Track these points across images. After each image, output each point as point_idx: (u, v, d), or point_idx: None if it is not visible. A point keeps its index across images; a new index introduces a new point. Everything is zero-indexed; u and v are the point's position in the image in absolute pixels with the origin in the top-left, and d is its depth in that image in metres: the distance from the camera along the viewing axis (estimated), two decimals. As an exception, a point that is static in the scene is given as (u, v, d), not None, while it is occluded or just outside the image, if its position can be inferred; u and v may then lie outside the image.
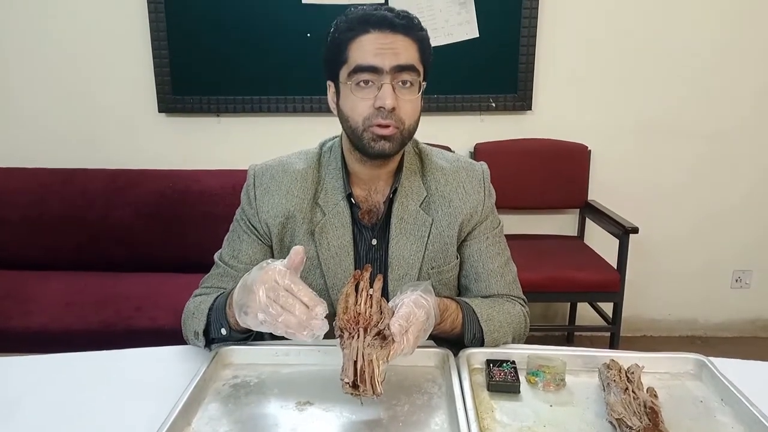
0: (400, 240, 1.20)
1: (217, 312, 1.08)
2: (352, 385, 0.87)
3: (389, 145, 1.10)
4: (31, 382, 1.07)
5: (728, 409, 0.97)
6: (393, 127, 1.09)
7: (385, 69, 1.06)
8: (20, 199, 2.54)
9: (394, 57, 1.06)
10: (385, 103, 1.06)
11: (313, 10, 2.59)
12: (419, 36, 1.10)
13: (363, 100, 1.08)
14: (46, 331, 2.10)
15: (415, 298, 0.96)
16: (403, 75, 1.08)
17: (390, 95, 1.06)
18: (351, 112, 1.11)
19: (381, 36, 1.06)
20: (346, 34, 1.08)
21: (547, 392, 1.02)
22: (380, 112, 1.07)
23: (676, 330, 3.03)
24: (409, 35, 1.08)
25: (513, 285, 1.26)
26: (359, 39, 1.07)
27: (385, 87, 1.06)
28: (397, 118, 1.08)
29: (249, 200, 1.22)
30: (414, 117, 1.12)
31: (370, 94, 1.08)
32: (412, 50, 1.09)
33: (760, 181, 2.86)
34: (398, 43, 1.07)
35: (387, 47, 1.06)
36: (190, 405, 0.94)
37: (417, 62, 1.09)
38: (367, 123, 1.09)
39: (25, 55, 2.68)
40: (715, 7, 2.68)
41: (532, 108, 2.76)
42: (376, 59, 1.06)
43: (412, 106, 1.11)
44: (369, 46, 1.06)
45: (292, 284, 0.89)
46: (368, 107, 1.08)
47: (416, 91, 1.11)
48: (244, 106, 2.71)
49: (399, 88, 1.08)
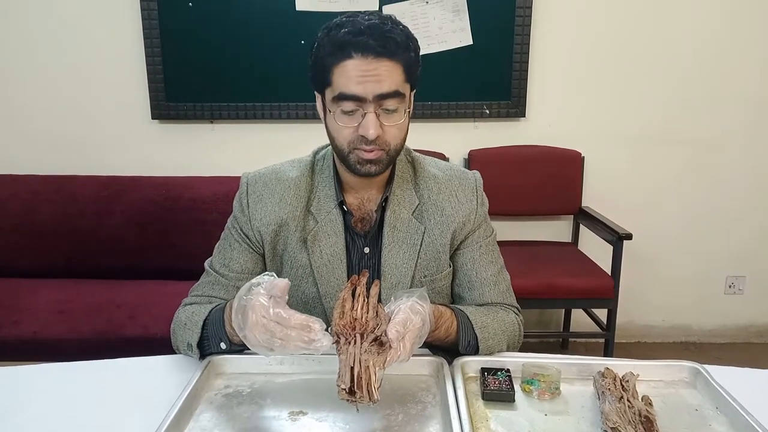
0: (392, 248, 1.20)
1: (215, 327, 1.07)
2: (349, 392, 0.86)
3: (375, 167, 1.10)
4: (22, 393, 1.05)
5: (723, 417, 0.97)
6: (378, 151, 1.09)
7: (368, 98, 1.04)
8: (11, 207, 2.52)
9: (377, 85, 1.04)
10: (368, 134, 1.05)
11: (307, 17, 2.58)
12: (405, 57, 1.07)
13: (347, 128, 1.08)
14: (37, 340, 2.08)
15: (411, 305, 0.96)
16: (387, 103, 1.06)
17: (373, 125, 1.05)
18: (336, 135, 1.11)
19: (364, 62, 1.04)
20: (329, 58, 1.06)
21: (542, 401, 1.01)
22: (364, 139, 1.07)
23: (670, 336, 3.03)
24: (394, 59, 1.05)
25: (507, 293, 1.26)
26: (342, 64, 1.05)
27: (368, 116, 1.05)
28: (381, 142, 1.08)
29: (242, 208, 1.22)
30: (400, 137, 1.11)
31: (354, 121, 1.07)
32: (397, 74, 1.06)
33: (753, 187, 2.87)
34: (381, 69, 1.04)
35: (370, 74, 1.04)
36: (182, 415, 0.93)
37: (401, 85, 1.07)
38: (351, 146, 1.09)
39: (18, 62, 2.67)
40: (705, 17, 2.69)
41: (525, 115, 2.76)
42: (359, 88, 1.04)
43: (397, 129, 1.10)
44: (352, 73, 1.04)
45: (280, 315, 0.89)
46: (352, 133, 1.08)
47: (402, 113, 1.09)
48: (237, 112, 2.71)
49: (383, 115, 1.07)
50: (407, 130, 1.14)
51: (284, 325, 0.89)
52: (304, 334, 0.89)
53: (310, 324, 0.89)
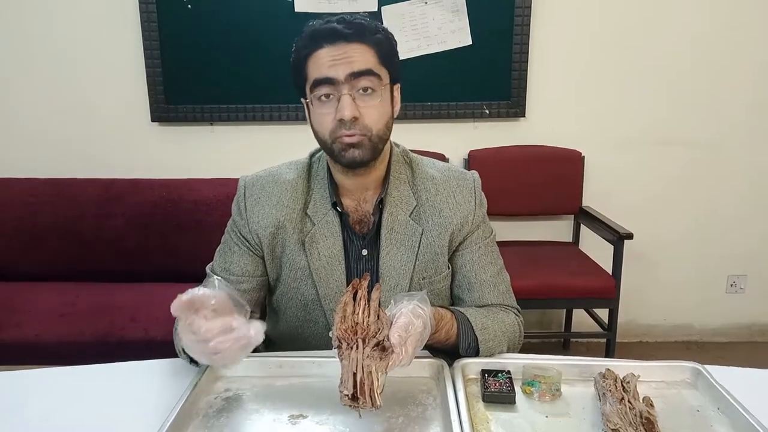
0: (390, 250, 1.19)
1: None
2: (352, 398, 0.86)
3: (359, 152, 1.09)
4: (23, 396, 1.05)
5: (725, 418, 0.97)
6: (359, 135, 1.08)
7: (340, 79, 1.06)
8: (12, 209, 2.52)
9: (348, 65, 1.06)
10: (344, 115, 1.06)
11: (307, 18, 2.57)
12: (375, 40, 1.09)
13: (326, 115, 1.09)
14: (39, 343, 2.08)
15: (413, 308, 0.95)
16: (361, 81, 1.07)
17: (348, 106, 1.06)
18: (318, 127, 1.12)
19: (334, 48, 1.07)
20: (302, 51, 1.10)
21: (543, 403, 1.01)
22: (343, 124, 1.07)
23: (672, 335, 3.03)
24: (363, 41, 1.08)
25: (506, 294, 1.25)
26: (314, 55, 1.08)
27: (343, 98, 1.06)
28: (361, 125, 1.08)
29: (239, 211, 1.22)
30: (381, 121, 1.11)
31: (331, 107, 1.08)
32: (368, 55, 1.08)
33: (754, 186, 2.87)
34: (352, 52, 1.07)
35: (340, 57, 1.06)
36: (182, 419, 0.93)
37: (375, 66, 1.08)
38: (333, 135, 1.10)
39: (18, 65, 2.67)
40: (706, 17, 2.69)
41: (525, 115, 2.76)
42: (330, 71, 1.06)
43: (377, 112, 1.09)
44: (324, 59, 1.07)
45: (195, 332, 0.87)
46: (332, 120, 1.09)
47: (379, 95, 1.09)
48: (237, 114, 2.71)
49: (359, 96, 1.08)
50: (390, 117, 1.14)
51: (207, 338, 0.87)
52: (229, 337, 0.87)
53: (229, 325, 0.88)
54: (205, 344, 0.88)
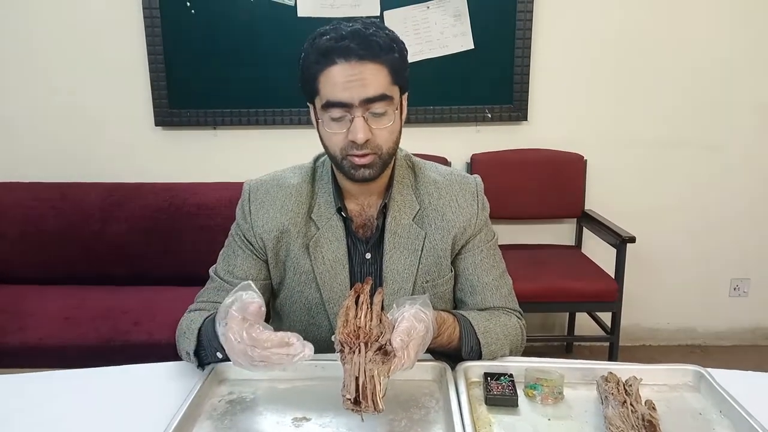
0: (393, 254, 1.20)
1: (208, 338, 1.06)
2: (354, 402, 0.86)
3: (369, 171, 1.11)
4: (27, 400, 1.06)
5: (727, 421, 0.97)
6: (370, 155, 1.09)
7: (354, 103, 1.05)
8: (16, 214, 2.53)
9: (362, 89, 1.05)
10: (356, 138, 1.06)
11: (309, 23, 2.59)
12: (389, 59, 1.07)
13: (337, 134, 1.09)
14: (43, 347, 2.09)
15: (415, 312, 0.96)
16: (374, 106, 1.06)
17: (361, 129, 1.06)
18: (328, 142, 1.12)
19: (348, 67, 1.05)
20: (315, 66, 1.07)
21: (546, 405, 1.01)
22: (355, 144, 1.07)
23: (675, 339, 3.02)
24: (377, 61, 1.06)
25: (509, 297, 1.26)
26: (327, 71, 1.06)
27: (356, 121, 1.06)
28: (373, 146, 1.09)
29: (244, 215, 1.23)
30: (391, 140, 1.12)
31: (343, 127, 1.08)
32: (382, 76, 1.06)
33: (757, 190, 2.86)
34: (366, 73, 1.05)
35: (355, 79, 1.04)
36: (186, 422, 0.94)
37: (388, 88, 1.07)
38: (344, 152, 1.10)
39: (22, 69, 2.68)
40: (712, 19, 2.69)
41: (527, 118, 2.76)
42: (344, 94, 1.05)
43: (387, 132, 1.10)
44: (337, 79, 1.05)
45: (254, 339, 0.89)
46: (343, 139, 1.09)
47: (391, 117, 1.09)
48: (240, 119, 2.72)
49: (371, 118, 1.07)
50: (399, 132, 1.14)
51: (261, 348, 0.89)
52: (283, 352, 0.89)
53: (286, 340, 0.89)
54: (257, 352, 0.89)
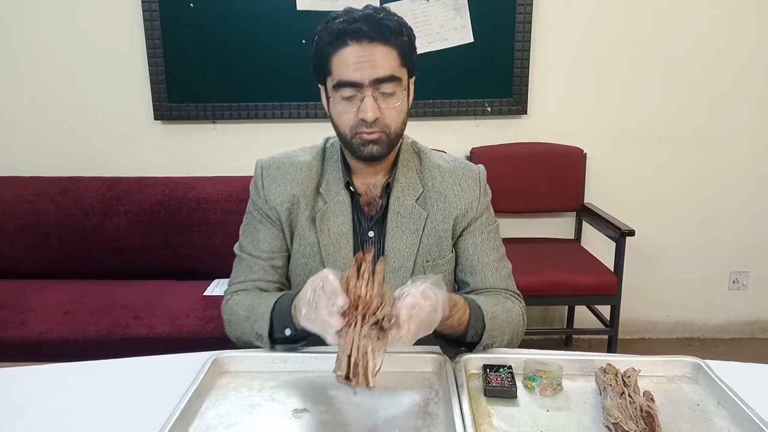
0: (396, 233, 1.24)
1: (282, 314, 1.11)
2: (345, 377, 0.87)
3: (377, 147, 1.16)
4: (29, 393, 1.06)
5: (725, 412, 0.97)
6: (378, 133, 1.14)
7: (365, 83, 1.11)
8: (16, 208, 2.53)
9: (373, 70, 1.10)
10: (366, 116, 1.12)
11: (308, 16, 2.59)
12: (399, 42, 1.13)
13: (348, 112, 1.14)
14: (43, 341, 2.09)
15: (423, 290, 0.96)
16: (384, 86, 1.12)
17: (371, 108, 1.11)
18: (339, 121, 1.17)
19: (359, 48, 1.10)
20: (327, 48, 1.13)
21: (544, 397, 1.02)
22: (364, 122, 1.13)
23: (674, 332, 3.03)
24: (388, 43, 1.12)
25: (508, 280, 1.28)
26: (339, 52, 1.11)
27: (366, 100, 1.12)
28: (381, 124, 1.14)
29: (257, 191, 1.27)
30: (399, 119, 1.17)
31: (353, 106, 1.13)
32: (391, 58, 1.12)
33: (756, 183, 2.87)
34: (377, 54, 1.11)
35: (365, 60, 1.10)
36: (188, 413, 0.94)
37: (397, 69, 1.13)
38: (353, 131, 1.15)
39: (21, 64, 2.68)
40: (712, 13, 2.69)
41: (527, 112, 2.76)
42: (356, 74, 1.10)
43: (396, 111, 1.15)
44: (349, 60, 1.11)
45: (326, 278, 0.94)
46: (353, 117, 1.14)
47: (399, 97, 1.15)
48: (240, 112, 2.72)
49: (381, 98, 1.13)
50: (406, 113, 1.19)
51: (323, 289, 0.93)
52: (328, 304, 0.92)
53: (337, 298, 0.92)
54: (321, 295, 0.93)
